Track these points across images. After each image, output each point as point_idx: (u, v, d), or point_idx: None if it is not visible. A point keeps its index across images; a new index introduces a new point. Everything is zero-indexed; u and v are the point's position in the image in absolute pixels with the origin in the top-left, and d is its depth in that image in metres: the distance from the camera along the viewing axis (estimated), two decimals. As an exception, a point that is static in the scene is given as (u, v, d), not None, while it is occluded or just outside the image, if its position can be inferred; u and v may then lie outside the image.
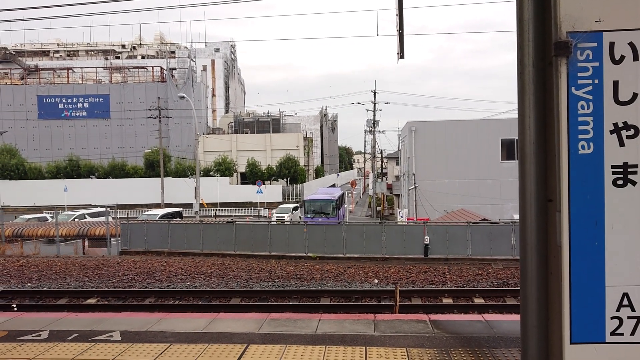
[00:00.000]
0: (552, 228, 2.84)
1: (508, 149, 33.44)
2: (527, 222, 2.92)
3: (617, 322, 2.65)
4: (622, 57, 2.62)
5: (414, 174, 34.84)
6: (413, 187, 34.75)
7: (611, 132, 2.63)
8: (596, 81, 2.64)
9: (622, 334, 2.65)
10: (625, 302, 2.65)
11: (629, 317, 2.65)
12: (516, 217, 27.67)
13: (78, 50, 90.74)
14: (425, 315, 6.56)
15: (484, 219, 25.64)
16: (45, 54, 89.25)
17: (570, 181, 2.66)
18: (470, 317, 6.93)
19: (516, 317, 7.36)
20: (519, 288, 15.55)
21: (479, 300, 13.95)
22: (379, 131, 56.50)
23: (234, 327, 6.00)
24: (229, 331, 5.87)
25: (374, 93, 52.70)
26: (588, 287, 2.65)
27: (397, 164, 55.21)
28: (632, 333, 2.65)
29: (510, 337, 5.59)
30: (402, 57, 8.35)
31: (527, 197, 2.92)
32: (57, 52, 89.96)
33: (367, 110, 54.09)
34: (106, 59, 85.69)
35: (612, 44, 2.62)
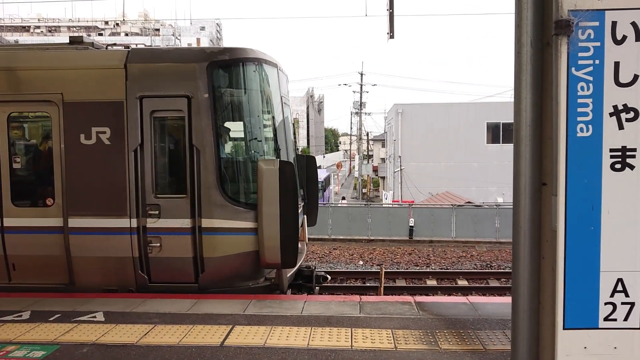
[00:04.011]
0: (546, 212, 2.79)
1: (493, 133, 33.53)
2: (521, 205, 2.86)
3: (610, 307, 2.63)
4: (624, 37, 2.55)
5: (399, 157, 34.86)
6: (399, 169, 34.81)
7: (611, 114, 2.58)
8: (597, 62, 2.57)
9: (615, 320, 2.63)
10: (620, 287, 2.62)
11: (622, 303, 2.63)
12: (500, 200, 27.90)
13: (59, 26, 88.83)
14: (411, 297, 6.56)
15: (469, 202, 25.78)
16: (25, 29, 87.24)
17: (568, 164, 2.60)
18: (455, 299, 6.95)
19: (500, 300, 7.38)
20: (502, 270, 15.59)
21: (462, 282, 14.07)
22: (366, 113, 56.39)
23: (218, 309, 5.94)
24: (214, 312, 5.81)
25: (361, 75, 52.44)
26: (582, 273, 2.61)
27: (383, 146, 55.26)
28: (626, 319, 2.62)
29: (495, 319, 5.59)
30: (392, 37, 8.23)
31: (521, 180, 2.86)
32: (38, 27, 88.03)
33: (354, 92, 53.88)
34: (88, 35, 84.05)
35: (614, 24, 2.54)
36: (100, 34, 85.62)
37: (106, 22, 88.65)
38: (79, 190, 6.52)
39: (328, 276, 8.41)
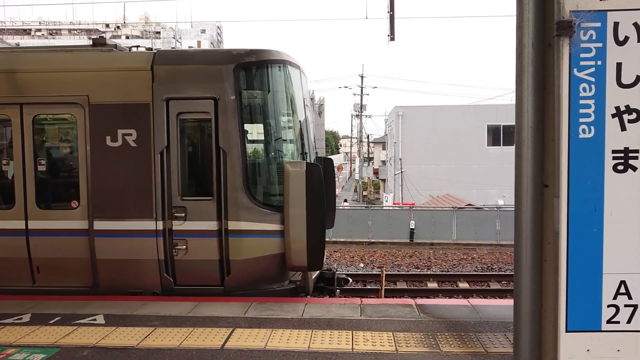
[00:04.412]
0: (548, 214, 2.77)
1: (494, 135, 33.53)
2: (523, 207, 2.84)
3: (613, 310, 2.61)
4: (626, 38, 2.54)
5: (400, 159, 34.85)
6: (399, 171, 34.79)
7: (613, 115, 2.56)
8: (599, 63, 2.56)
9: (618, 322, 2.61)
10: (622, 290, 2.60)
11: (625, 305, 2.61)
12: (501, 202, 27.87)
13: (60, 29, 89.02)
14: (412, 299, 6.53)
15: (469, 204, 25.76)
16: (26, 32, 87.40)
17: (570, 166, 2.59)
18: (456, 301, 6.92)
19: (501, 302, 7.36)
20: (503, 273, 15.50)
21: (463, 285, 14.03)
22: (366, 115, 56.37)
23: (219, 311, 5.92)
24: (215, 315, 5.79)
25: (362, 77, 52.45)
26: (585, 275, 2.60)
27: (384, 148, 55.23)
28: (628, 321, 2.61)
29: (496, 322, 5.57)
30: (392, 39, 8.24)
31: (523, 182, 2.84)
32: (39, 30, 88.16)
33: (355, 94, 53.88)
34: (89, 38, 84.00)
35: (616, 24, 2.53)
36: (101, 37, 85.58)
37: (107, 25, 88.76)
38: (104, 192, 6.50)
39: (349, 279, 8.30)
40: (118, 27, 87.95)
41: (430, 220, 21.95)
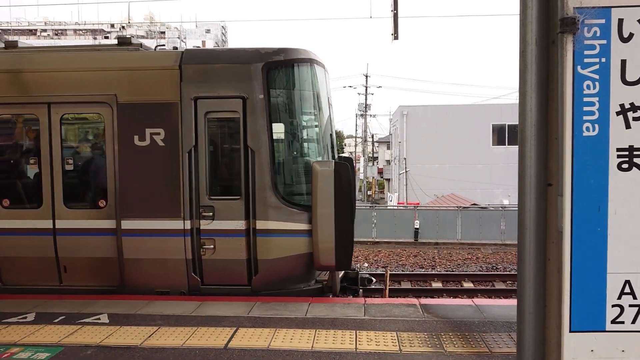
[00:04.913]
0: (551, 213, 2.75)
1: (499, 134, 33.42)
2: (526, 206, 2.82)
3: (618, 310, 2.59)
4: (631, 35, 2.52)
5: (404, 159, 34.79)
6: (404, 171, 34.74)
7: (617, 113, 2.54)
8: (603, 60, 2.53)
9: (622, 322, 2.59)
10: (627, 289, 2.58)
11: (630, 305, 2.59)
12: (506, 202, 27.78)
13: (66, 29, 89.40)
14: (416, 299, 6.53)
15: (474, 204, 25.71)
16: (32, 32, 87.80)
17: (574, 164, 2.57)
18: (460, 301, 6.92)
19: (506, 302, 7.35)
20: (507, 272, 15.42)
21: (468, 285, 13.99)
22: (371, 115, 56.20)
23: (223, 311, 5.93)
24: (218, 314, 5.81)
25: (366, 77, 52.38)
26: (589, 274, 2.58)
27: (388, 148, 55.17)
28: (633, 321, 2.58)
29: (500, 322, 5.56)
30: (396, 38, 8.23)
31: (527, 180, 2.82)
32: (45, 31, 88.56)
33: (359, 94, 53.79)
34: (95, 38, 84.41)
35: (620, 21, 2.51)
36: (107, 37, 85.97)
37: (112, 25, 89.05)
38: (132, 191, 6.51)
39: (373, 279, 8.26)
40: (123, 27, 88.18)
41: (434, 219, 21.91)
